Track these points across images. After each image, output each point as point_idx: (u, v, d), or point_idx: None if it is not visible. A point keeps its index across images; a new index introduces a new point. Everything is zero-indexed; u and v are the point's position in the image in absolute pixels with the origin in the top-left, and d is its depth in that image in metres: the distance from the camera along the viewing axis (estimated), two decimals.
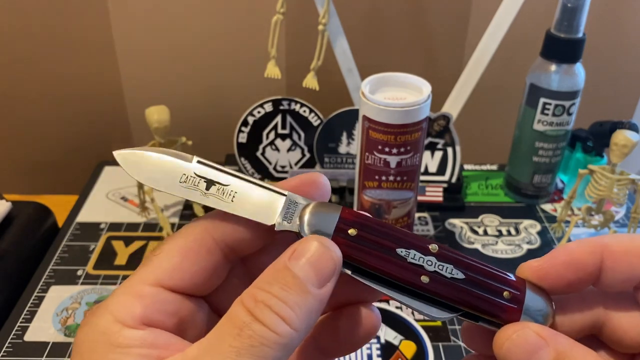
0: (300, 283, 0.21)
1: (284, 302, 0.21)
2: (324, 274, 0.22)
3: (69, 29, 0.76)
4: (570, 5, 0.59)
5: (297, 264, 0.22)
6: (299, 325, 0.21)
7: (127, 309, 0.22)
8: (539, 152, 0.66)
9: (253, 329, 0.20)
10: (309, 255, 0.22)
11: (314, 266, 0.22)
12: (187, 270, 0.23)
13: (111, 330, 0.22)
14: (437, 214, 0.68)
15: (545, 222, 0.67)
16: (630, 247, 0.24)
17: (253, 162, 0.69)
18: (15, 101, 0.81)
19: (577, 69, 0.62)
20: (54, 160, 0.86)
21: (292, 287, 0.21)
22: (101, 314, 0.22)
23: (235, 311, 0.21)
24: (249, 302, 0.21)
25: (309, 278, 0.22)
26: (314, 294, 0.22)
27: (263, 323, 0.21)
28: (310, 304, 0.22)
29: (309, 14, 0.69)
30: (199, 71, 0.80)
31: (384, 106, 0.50)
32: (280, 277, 0.22)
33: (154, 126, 0.59)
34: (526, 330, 0.23)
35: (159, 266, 0.23)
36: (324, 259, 0.22)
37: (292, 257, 0.22)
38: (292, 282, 0.21)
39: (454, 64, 0.80)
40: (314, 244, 0.22)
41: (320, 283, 0.22)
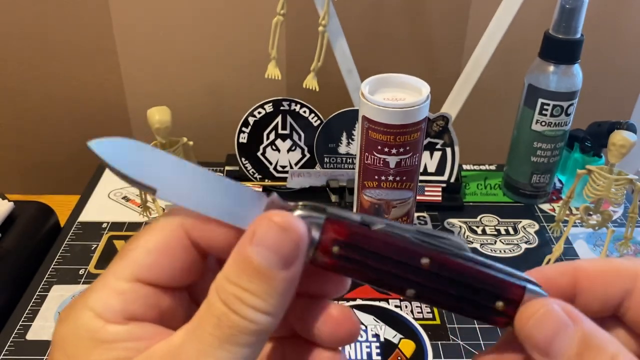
0: (265, 271, 0.21)
1: (253, 294, 0.21)
2: (287, 256, 0.21)
3: (72, 31, 0.76)
4: (569, 6, 0.59)
5: (257, 250, 0.21)
6: (273, 310, 0.21)
7: (107, 305, 0.22)
8: (537, 152, 0.66)
9: (230, 319, 0.21)
10: (267, 238, 0.21)
11: (276, 251, 0.21)
12: (164, 266, 0.23)
13: (94, 327, 0.22)
14: (436, 213, 0.69)
15: (544, 221, 0.68)
16: (605, 268, 0.24)
17: (253, 162, 0.69)
18: (19, 102, 0.81)
19: (575, 70, 0.62)
20: (56, 161, 0.86)
21: (257, 277, 0.21)
22: (81, 310, 0.22)
23: (212, 300, 0.21)
24: (222, 292, 0.21)
25: (271, 263, 0.21)
26: (281, 277, 0.21)
27: (238, 313, 0.21)
28: (279, 287, 0.21)
29: (309, 15, 0.69)
30: (200, 72, 0.80)
31: (383, 107, 0.50)
32: (245, 268, 0.21)
33: (156, 127, 0.59)
34: (554, 307, 0.22)
35: (136, 262, 0.23)
36: (285, 241, 0.21)
37: (252, 242, 0.21)
38: (256, 271, 0.21)
39: (452, 65, 0.81)
40: (272, 225, 0.21)
41: (285, 265, 0.21)
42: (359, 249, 0.23)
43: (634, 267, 0.24)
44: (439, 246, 0.23)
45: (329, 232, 0.23)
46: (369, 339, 0.52)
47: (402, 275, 0.23)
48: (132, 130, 0.84)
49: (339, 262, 0.23)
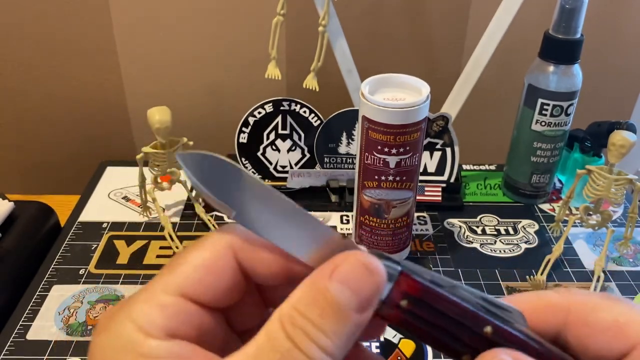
0: (341, 309, 0.20)
1: (322, 332, 0.20)
2: (366, 299, 0.21)
3: (72, 31, 0.76)
4: (568, 6, 0.59)
5: (337, 287, 0.20)
6: (336, 352, 0.20)
7: (150, 318, 0.21)
8: (537, 152, 0.66)
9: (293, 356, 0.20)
10: (351, 276, 0.21)
11: (356, 290, 0.20)
12: (210, 284, 0.22)
13: (136, 340, 0.21)
14: (436, 213, 0.69)
15: (544, 221, 0.68)
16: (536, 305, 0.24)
17: (254, 162, 0.69)
18: (19, 102, 0.81)
19: (575, 70, 0.62)
20: (57, 161, 0.86)
21: (331, 314, 0.20)
22: (122, 322, 0.22)
23: (275, 333, 0.21)
24: (288, 325, 0.20)
25: (350, 303, 0.20)
26: (354, 320, 0.21)
27: (303, 351, 0.20)
28: (349, 330, 0.21)
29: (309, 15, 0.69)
30: (200, 72, 0.80)
31: (383, 107, 0.50)
32: (320, 300, 0.20)
33: (156, 127, 0.59)
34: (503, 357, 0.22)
35: (182, 276, 0.22)
36: (367, 284, 0.21)
37: (333, 276, 0.21)
38: (331, 308, 0.20)
39: (452, 65, 0.81)
40: (358, 265, 0.21)
41: (361, 309, 0.21)
42: (427, 306, 0.22)
43: (565, 301, 0.24)
44: (501, 317, 0.23)
45: (402, 285, 0.22)
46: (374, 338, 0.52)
47: (463, 339, 0.23)
48: (132, 130, 0.84)
49: (404, 317, 0.22)
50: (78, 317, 0.53)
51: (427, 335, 0.23)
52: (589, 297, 0.24)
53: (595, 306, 0.23)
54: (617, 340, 0.22)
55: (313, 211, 0.68)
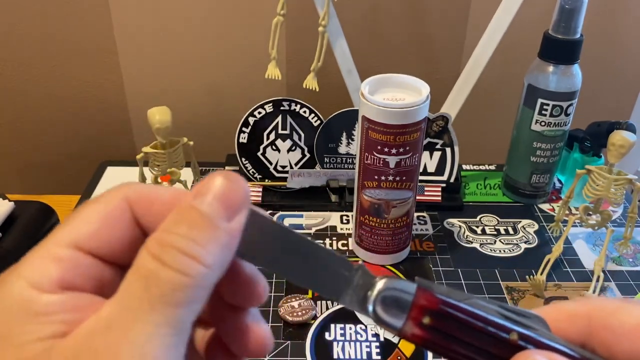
0: (209, 219, 0.20)
1: (193, 241, 0.20)
2: (232, 205, 0.21)
3: (72, 32, 0.76)
4: (568, 6, 0.59)
5: (203, 201, 0.20)
6: (212, 261, 0.20)
7: (43, 273, 0.20)
8: (536, 152, 0.66)
9: (160, 277, 0.19)
10: (214, 190, 0.21)
11: (221, 200, 0.20)
12: (105, 237, 0.21)
13: (28, 298, 0.19)
14: (436, 213, 0.69)
15: (543, 221, 0.68)
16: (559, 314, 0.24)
17: (254, 162, 0.70)
18: (19, 102, 0.81)
19: (574, 70, 0.62)
20: (57, 161, 0.87)
21: (200, 224, 0.20)
22: (12, 281, 0.20)
23: (141, 260, 0.20)
24: (155, 247, 0.20)
25: (217, 212, 0.20)
26: (224, 228, 0.20)
27: (172, 267, 0.19)
28: (222, 239, 0.20)
29: (309, 15, 0.69)
30: (200, 72, 0.80)
31: (383, 107, 0.50)
32: (187, 217, 0.20)
33: (156, 127, 0.59)
34: (537, 357, 0.22)
35: (76, 229, 0.21)
36: (231, 191, 0.21)
37: (196, 195, 0.20)
38: (199, 220, 0.20)
39: (452, 65, 0.81)
40: (219, 179, 0.21)
41: (229, 216, 0.21)
42: (450, 319, 0.22)
43: (584, 309, 0.24)
44: (523, 323, 0.23)
45: (420, 300, 0.22)
46: (369, 339, 0.52)
47: (490, 350, 0.22)
48: (133, 130, 0.85)
49: (429, 334, 0.22)
50: None
51: (454, 352, 0.22)
52: (607, 302, 0.24)
53: (615, 310, 0.23)
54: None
55: (313, 211, 0.69)
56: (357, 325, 0.53)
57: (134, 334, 0.19)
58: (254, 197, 0.68)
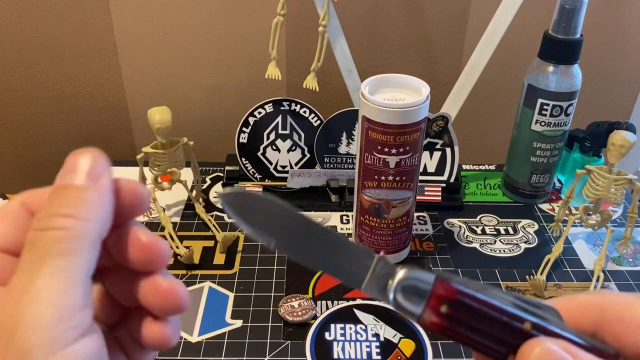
0: (74, 186, 0.23)
1: (64, 205, 0.22)
2: (92, 171, 0.23)
3: (73, 32, 0.76)
4: (568, 6, 0.59)
5: (64, 176, 0.23)
6: (85, 213, 0.22)
7: None
8: (536, 152, 0.66)
9: (42, 237, 0.21)
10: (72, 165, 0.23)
11: (81, 169, 0.23)
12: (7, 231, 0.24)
13: None
14: (436, 213, 0.69)
15: (543, 221, 0.68)
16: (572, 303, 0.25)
17: (254, 162, 0.70)
18: (19, 102, 0.82)
19: (574, 70, 0.62)
20: (57, 161, 0.86)
21: (68, 192, 0.22)
22: None
23: (27, 235, 0.22)
24: (36, 221, 0.22)
25: (80, 180, 0.23)
26: (91, 189, 0.23)
27: (52, 228, 0.21)
28: (90, 196, 0.22)
29: (309, 15, 0.69)
30: (200, 72, 0.80)
31: (383, 107, 0.50)
32: (56, 193, 0.23)
33: (156, 127, 0.59)
34: (549, 344, 0.22)
35: None
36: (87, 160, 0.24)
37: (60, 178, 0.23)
38: (66, 190, 0.23)
39: (452, 65, 0.81)
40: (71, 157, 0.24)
41: (93, 179, 0.23)
42: (467, 308, 0.23)
43: (598, 300, 0.24)
44: (537, 314, 0.24)
45: (438, 290, 0.23)
46: (369, 339, 0.52)
47: (505, 339, 0.23)
48: (133, 130, 0.85)
49: (447, 322, 0.23)
50: None
51: (470, 339, 0.23)
52: (622, 296, 0.24)
53: (629, 304, 0.24)
54: None
55: (313, 211, 0.69)
56: (357, 325, 0.53)
57: (31, 287, 0.20)
58: None
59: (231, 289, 0.57)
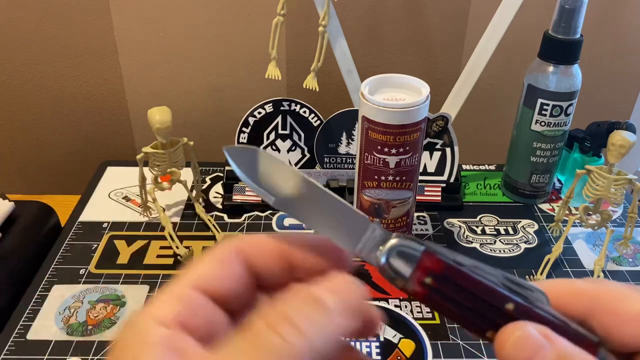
0: (324, 304, 0.21)
1: (303, 315, 0.21)
2: (348, 304, 0.22)
3: (73, 32, 0.76)
4: (568, 6, 0.59)
5: (321, 289, 0.22)
6: (314, 340, 0.21)
7: (164, 308, 0.22)
8: (536, 152, 0.66)
9: (268, 341, 0.20)
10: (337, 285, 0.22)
11: (341, 295, 0.22)
12: (221, 276, 0.24)
13: (145, 328, 0.22)
14: (436, 213, 0.69)
15: (543, 221, 0.68)
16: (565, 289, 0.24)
17: None
18: (20, 102, 0.82)
19: (574, 70, 0.62)
20: (57, 161, 0.87)
21: (314, 305, 0.21)
22: (140, 315, 0.23)
23: (253, 321, 0.21)
24: (267, 314, 0.21)
25: (333, 303, 0.21)
26: (335, 320, 0.21)
27: (280, 335, 0.20)
28: (329, 326, 0.21)
29: (309, 15, 0.69)
30: (200, 72, 0.80)
31: (383, 107, 0.50)
32: (303, 296, 0.21)
33: (156, 127, 0.59)
34: (529, 329, 0.23)
35: (197, 270, 0.24)
36: (350, 292, 0.22)
37: (317, 285, 0.22)
38: (315, 301, 0.21)
39: (452, 65, 0.81)
40: (344, 277, 0.23)
41: (343, 313, 0.22)
42: (451, 283, 0.24)
43: (593, 289, 0.24)
44: (523, 295, 0.24)
45: (425, 262, 0.24)
46: (368, 339, 0.52)
47: (486, 316, 0.24)
48: (133, 130, 0.85)
49: (429, 293, 0.24)
50: (78, 317, 0.54)
51: (450, 312, 0.24)
52: (618, 287, 0.24)
53: (624, 296, 0.24)
54: None
55: None
56: None
57: None
58: (255, 198, 0.68)
59: None
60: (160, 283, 0.58)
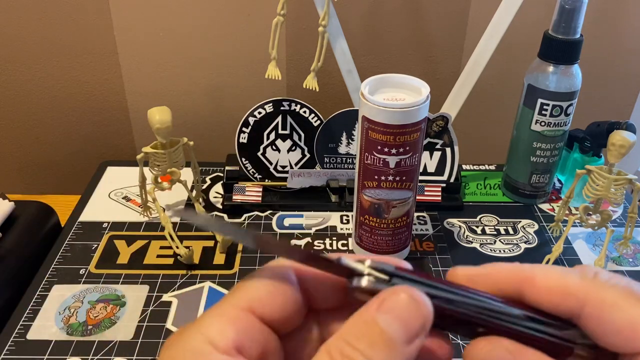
0: (388, 339, 0.21)
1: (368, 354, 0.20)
2: (413, 329, 0.21)
3: (73, 32, 0.76)
4: (568, 6, 0.59)
5: (385, 318, 0.21)
6: None
7: (220, 331, 0.21)
8: (536, 152, 0.66)
9: None
10: (398, 308, 0.21)
11: (403, 321, 0.21)
12: (277, 300, 0.23)
13: (203, 351, 0.21)
14: (436, 213, 0.69)
15: (543, 221, 0.68)
16: (553, 287, 0.24)
17: (254, 162, 0.70)
18: (20, 102, 0.82)
19: (574, 70, 0.62)
20: (57, 160, 0.87)
21: (379, 344, 0.20)
22: (192, 335, 0.22)
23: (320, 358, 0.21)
24: (337, 355, 0.21)
25: (397, 334, 0.21)
26: (401, 351, 0.21)
27: None
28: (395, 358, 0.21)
29: (309, 15, 0.69)
30: (200, 72, 0.80)
31: (383, 107, 0.50)
32: (368, 332, 0.21)
33: (156, 127, 0.59)
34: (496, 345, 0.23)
35: (252, 291, 0.23)
36: (413, 314, 0.21)
37: (380, 309, 0.21)
38: (379, 339, 0.21)
39: (452, 65, 0.81)
40: (403, 296, 0.22)
41: (408, 339, 0.21)
42: None
43: (583, 292, 0.23)
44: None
45: None
46: None
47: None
48: (133, 130, 0.85)
49: None
50: (78, 317, 0.53)
51: None
52: (609, 293, 0.23)
53: (613, 305, 0.23)
54: (629, 342, 0.22)
55: (313, 211, 0.69)
56: None
57: None
58: (255, 198, 0.68)
59: (231, 289, 0.57)
60: (160, 283, 0.58)
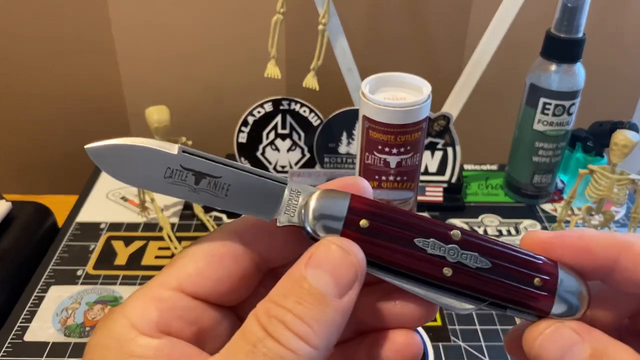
0: (318, 294, 0.20)
1: (299, 318, 0.19)
2: (344, 282, 0.20)
3: (70, 31, 0.76)
4: (570, 5, 0.59)
5: (314, 272, 0.20)
6: (318, 342, 0.19)
7: (143, 314, 0.20)
8: (539, 152, 0.66)
9: (267, 346, 0.19)
10: (326, 261, 0.20)
11: (333, 274, 0.20)
12: (210, 276, 0.22)
13: (126, 337, 0.20)
14: (437, 214, 0.68)
15: (545, 222, 0.67)
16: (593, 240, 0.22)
17: (253, 162, 0.69)
18: (16, 101, 0.81)
19: (577, 69, 0.62)
20: (54, 161, 0.86)
21: (308, 300, 0.20)
22: (117, 318, 0.21)
23: (249, 325, 0.20)
24: (263, 316, 0.20)
25: (327, 288, 0.20)
26: (333, 306, 0.20)
27: (277, 340, 0.19)
28: (330, 317, 0.20)
29: (309, 14, 0.68)
30: (199, 71, 0.80)
31: (384, 106, 0.50)
32: (296, 289, 0.20)
33: (154, 126, 0.59)
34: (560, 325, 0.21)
35: (181, 270, 0.22)
36: (344, 265, 0.20)
37: (308, 264, 0.20)
38: (308, 294, 0.20)
39: (454, 64, 0.81)
40: (332, 248, 0.21)
41: (340, 292, 0.20)
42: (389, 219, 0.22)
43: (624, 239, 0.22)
44: None
45: (356, 203, 0.22)
46: None
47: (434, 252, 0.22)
48: (131, 129, 0.84)
49: (367, 238, 0.22)
50: (76, 318, 0.53)
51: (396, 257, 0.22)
52: None
53: None
54: None
55: None
56: None
57: None
58: None
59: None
60: None
